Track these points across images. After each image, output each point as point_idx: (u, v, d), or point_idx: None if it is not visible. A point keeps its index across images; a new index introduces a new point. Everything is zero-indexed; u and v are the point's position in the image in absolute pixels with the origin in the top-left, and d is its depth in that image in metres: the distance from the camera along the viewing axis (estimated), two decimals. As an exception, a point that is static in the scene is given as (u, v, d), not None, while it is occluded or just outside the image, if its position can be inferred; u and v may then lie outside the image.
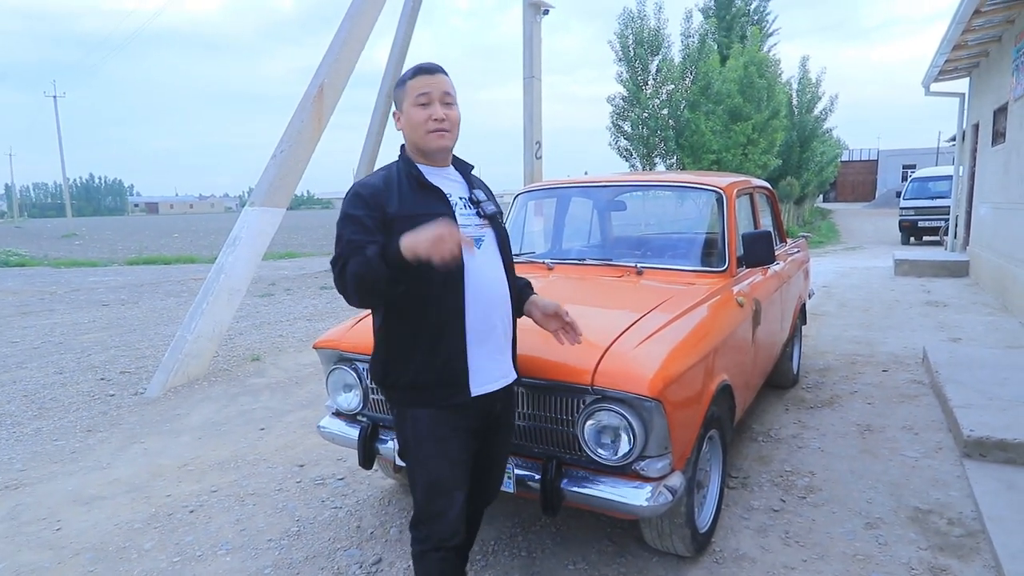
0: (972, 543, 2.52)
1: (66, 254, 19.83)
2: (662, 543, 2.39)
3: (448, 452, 1.78)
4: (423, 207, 1.71)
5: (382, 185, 1.74)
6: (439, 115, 1.75)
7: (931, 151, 38.49)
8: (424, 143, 1.77)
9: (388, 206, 1.70)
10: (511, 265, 1.92)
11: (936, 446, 3.44)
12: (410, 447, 1.80)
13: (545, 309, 1.96)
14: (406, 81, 1.78)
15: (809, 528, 2.67)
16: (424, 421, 1.77)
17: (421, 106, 1.75)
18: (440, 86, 1.76)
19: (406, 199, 1.72)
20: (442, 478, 1.78)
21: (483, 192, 1.92)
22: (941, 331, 6.12)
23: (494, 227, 1.88)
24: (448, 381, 1.74)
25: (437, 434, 1.77)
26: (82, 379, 5.17)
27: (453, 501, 1.80)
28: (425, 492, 1.80)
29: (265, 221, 5.49)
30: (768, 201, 4.26)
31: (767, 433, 3.70)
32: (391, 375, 1.80)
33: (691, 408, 2.23)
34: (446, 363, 1.73)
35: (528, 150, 9.69)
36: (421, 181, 1.76)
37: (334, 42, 5.88)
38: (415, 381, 1.75)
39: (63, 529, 2.84)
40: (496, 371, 1.83)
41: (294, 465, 3.43)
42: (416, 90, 1.75)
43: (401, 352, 1.76)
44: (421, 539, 1.82)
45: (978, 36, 8.12)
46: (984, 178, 9.12)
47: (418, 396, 1.77)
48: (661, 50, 15.40)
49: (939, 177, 16.04)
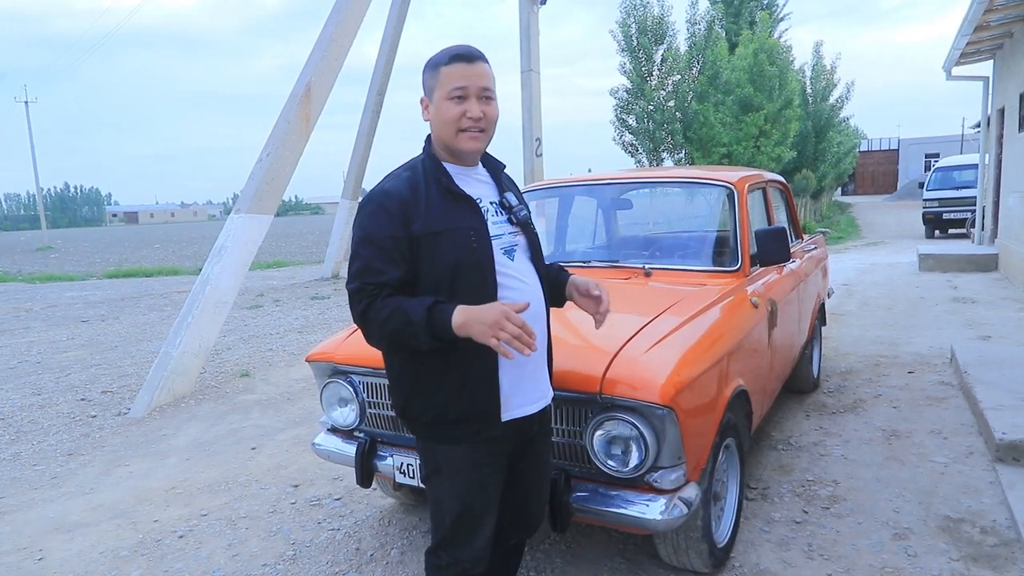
0: (1007, 552, 2.53)
1: (41, 268, 19.90)
2: (678, 559, 2.40)
3: (483, 480, 1.72)
4: (453, 221, 1.64)
5: (409, 194, 1.63)
6: (475, 113, 1.63)
7: (955, 139, 38.54)
8: (455, 143, 1.67)
9: (414, 222, 1.61)
10: (543, 273, 1.86)
11: (966, 451, 3.44)
12: (442, 474, 1.74)
13: (580, 288, 1.90)
14: (439, 66, 1.64)
15: (834, 540, 2.68)
16: (459, 456, 1.71)
17: (455, 100, 1.62)
18: (479, 79, 1.64)
19: (434, 210, 1.63)
20: (475, 506, 1.73)
21: (514, 195, 1.82)
22: (969, 329, 6.12)
23: (526, 234, 1.81)
24: (479, 415, 1.67)
25: (473, 461, 1.71)
26: (62, 400, 5.19)
27: (483, 527, 1.75)
28: (453, 519, 1.73)
29: (252, 229, 5.51)
30: (782, 196, 4.28)
31: (787, 441, 3.71)
32: (413, 407, 1.72)
33: (705, 416, 2.24)
34: (477, 393, 1.66)
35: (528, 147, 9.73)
36: (451, 189, 1.67)
37: (321, 38, 5.93)
38: (443, 416, 1.68)
39: (45, 559, 2.85)
40: (534, 393, 1.77)
41: (288, 485, 3.45)
42: (451, 81, 1.62)
43: (427, 382, 1.68)
44: (442, 566, 1.77)
45: (1000, 16, 8.15)
46: (1011, 166, 9.13)
47: (447, 432, 1.70)
48: (666, 39, 15.45)
49: (964, 166, 16.07)
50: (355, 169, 12.60)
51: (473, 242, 1.64)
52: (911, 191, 31.53)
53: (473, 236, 1.65)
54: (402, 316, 1.56)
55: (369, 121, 12.35)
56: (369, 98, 12.31)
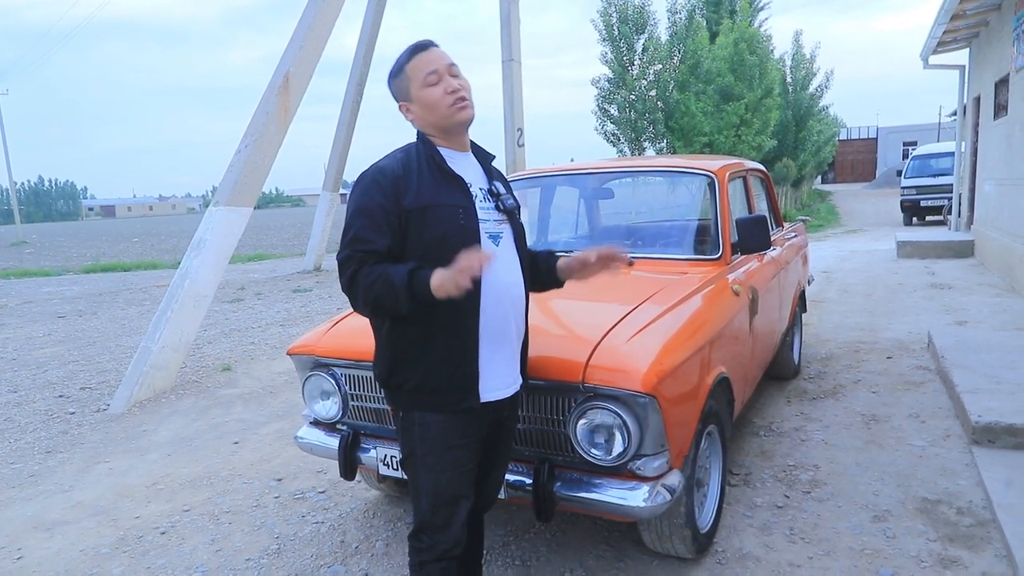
0: (982, 532, 2.58)
1: (16, 264, 19.54)
2: (662, 545, 2.42)
3: (457, 461, 1.78)
4: (443, 197, 1.71)
5: (401, 171, 1.71)
6: (454, 85, 1.73)
7: (932, 127, 39.02)
8: (450, 119, 1.74)
9: (405, 196, 1.68)
10: (527, 262, 1.91)
11: (944, 434, 3.50)
12: (417, 455, 1.79)
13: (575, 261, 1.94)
14: (404, 66, 1.75)
15: (815, 524, 2.72)
16: (433, 428, 1.76)
17: (432, 85, 1.72)
18: (442, 59, 1.74)
19: (425, 186, 1.71)
20: (449, 487, 1.79)
21: (502, 184, 1.90)
22: (946, 314, 6.22)
23: (512, 223, 1.87)
24: (458, 385, 1.74)
25: (447, 441, 1.76)
26: (39, 397, 5.11)
27: (459, 510, 1.81)
28: (430, 501, 1.79)
29: (231, 221, 5.45)
30: (763, 184, 4.31)
31: (768, 427, 3.75)
32: (397, 376, 1.78)
33: (687, 403, 2.26)
34: (457, 366, 1.73)
35: (509, 138, 9.69)
36: (443, 168, 1.75)
37: (299, 28, 5.85)
38: (423, 384, 1.74)
39: (24, 557, 2.81)
40: (508, 377, 1.84)
41: (271, 479, 3.43)
42: (421, 70, 1.73)
43: (411, 352, 1.75)
44: (422, 549, 1.82)
45: (976, 5, 8.23)
46: (987, 153, 9.27)
47: (426, 399, 1.75)
48: (647, 28, 15.43)
49: (941, 154, 16.27)
50: (336, 161, 12.50)
51: (461, 219, 1.72)
52: (890, 179, 31.87)
53: (461, 213, 1.73)
54: (385, 280, 1.62)
55: (349, 112, 12.23)
56: (349, 89, 12.19)
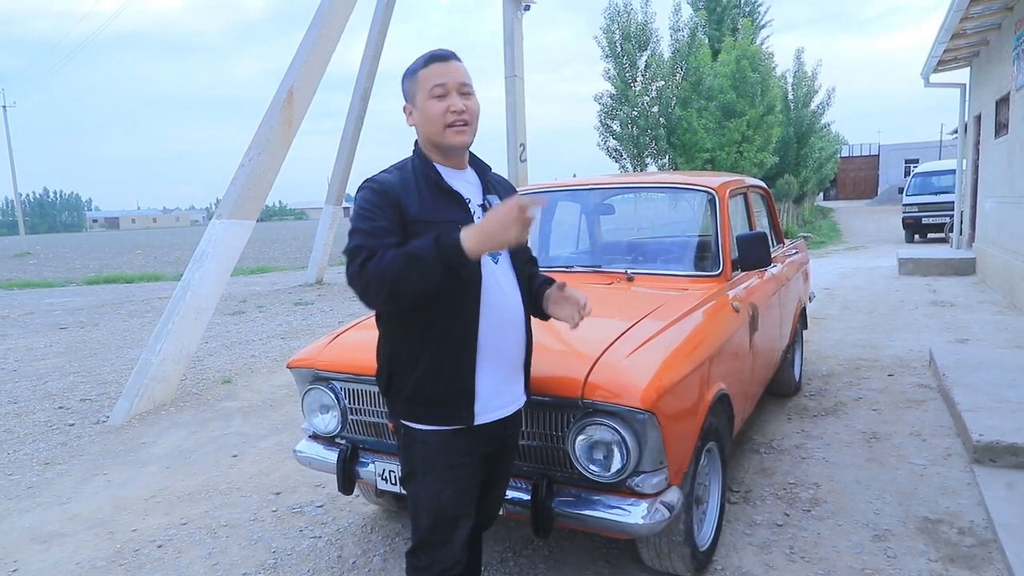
0: (984, 552, 2.56)
1: (19, 275, 19.61)
2: (661, 563, 2.41)
3: (459, 479, 1.75)
4: (442, 214, 1.68)
5: (399, 184, 1.69)
6: (458, 106, 1.69)
7: (934, 144, 39.09)
8: (442, 139, 1.72)
9: (408, 207, 1.65)
10: (525, 279, 1.88)
11: (945, 452, 3.49)
12: (417, 473, 1.77)
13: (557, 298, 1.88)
14: (417, 71, 1.72)
15: (815, 543, 2.70)
16: (434, 445, 1.73)
17: (437, 98, 1.69)
18: (456, 75, 1.70)
19: (425, 203, 1.68)
20: (450, 506, 1.76)
21: (499, 199, 1.83)
22: (948, 332, 6.21)
23: None
24: (452, 402, 1.71)
25: (448, 460, 1.74)
26: (39, 408, 5.11)
27: (459, 529, 1.78)
28: (430, 520, 1.76)
29: (234, 234, 5.47)
30: (763, 201, 4.33)
31: (769, 444, 3.74)
32: (394, 384, 1.77)
33: (687, 420, 2.26)
34: (453, 380, 1.70)
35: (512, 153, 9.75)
36: (440, 185, 1.72)
37: (304, 43, 5.91)
38: (417, 394, 1.72)
39: (20, 570, 2.80)
40: (507, 395, 1.81)
41: (269, 493, 3.42)
42: (430, 81, 1.69)
43: (406, 361, 1.73)
44: (420, 567, 1.79)
45: (977, 24, 8.30)
46: (988, 171, 9.29)
47: (421, 411, 1.73)
48: (649, 45, 15.58)
49: (942, 171, 16.31)
50: (339, 174, 12.55)
51: None
52: (891, 196, 31.93)
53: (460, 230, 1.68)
54: (405, 256, 1.54)
55: (353, 126, 12.31)
56: (353, 103, 12.28)
